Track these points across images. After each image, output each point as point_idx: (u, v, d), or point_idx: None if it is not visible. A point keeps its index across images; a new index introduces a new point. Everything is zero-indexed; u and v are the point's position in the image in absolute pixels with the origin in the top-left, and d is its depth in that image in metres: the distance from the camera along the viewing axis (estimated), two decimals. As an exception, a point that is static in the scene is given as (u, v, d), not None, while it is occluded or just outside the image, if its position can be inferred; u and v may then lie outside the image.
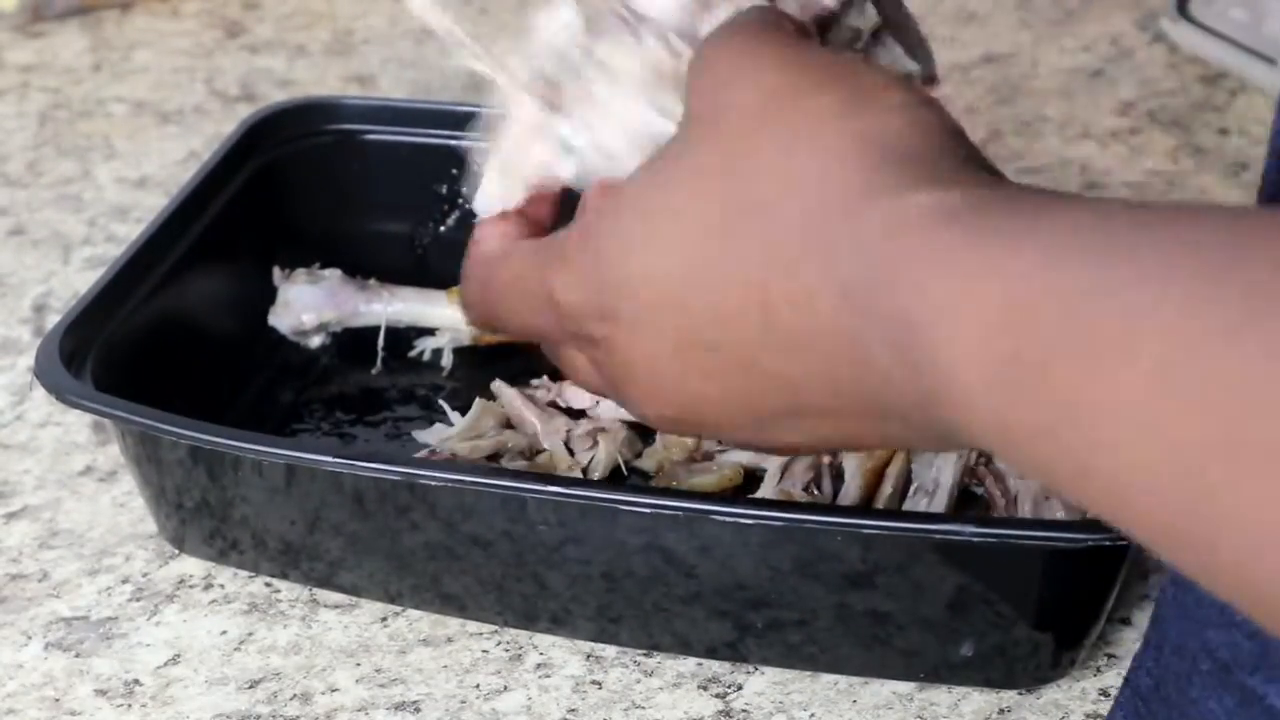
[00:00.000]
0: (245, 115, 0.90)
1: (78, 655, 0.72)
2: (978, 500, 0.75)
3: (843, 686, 0.69)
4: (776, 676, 0.70)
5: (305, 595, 0.74)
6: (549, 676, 0.70)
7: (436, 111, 0.90)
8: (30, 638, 0.73)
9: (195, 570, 0.75)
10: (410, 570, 0.71)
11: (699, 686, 0.70)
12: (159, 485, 0.74)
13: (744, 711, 0.69)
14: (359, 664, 0.71)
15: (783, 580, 0.67)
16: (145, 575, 0.75)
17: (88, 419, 0.83)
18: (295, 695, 0.70)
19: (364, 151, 0.89)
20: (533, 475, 0.73)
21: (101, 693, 0.70)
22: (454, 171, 0.87)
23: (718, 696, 0.69)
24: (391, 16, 1.18)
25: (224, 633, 0.73)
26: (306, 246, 0.88)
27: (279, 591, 0.74)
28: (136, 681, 0.70)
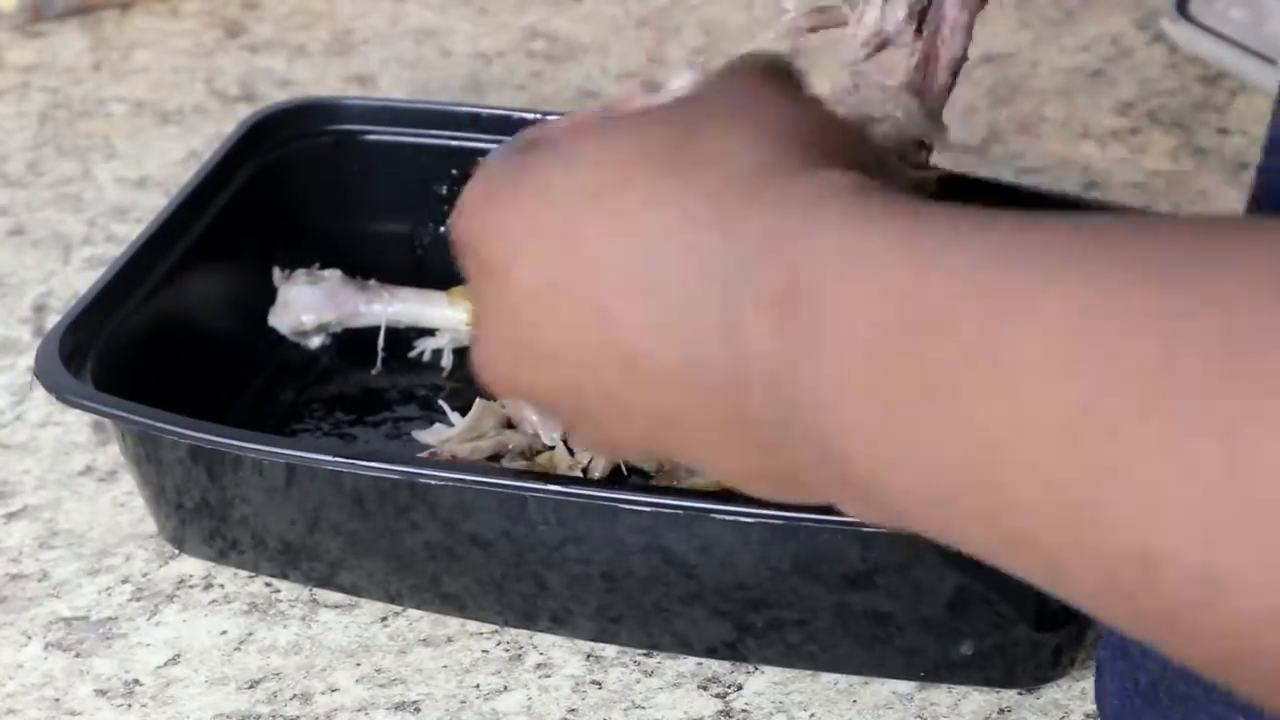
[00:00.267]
0: (245, 115, 0.90)
1: (78, 655, 0.72)
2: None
3: (843, 686, 0.69)
4: (776, 676, 0.70)
5: (305, 595, 0.74)
6: (549, 676, 0.70)
7: (436, 111, 0.90)
8: (30, 638, 0.73)
9: (195, 570, 0.75)
10: (410, 570, 0.71)
11: (699, 686, 0.70)
12: (159, 485, 0.74)
13: (744, 711, 0.69)
14: (359, 664, 0.71)
15: (783, 580, 0.67)
16: (145, 575, 0.75)
17: (88, 419, 0.83)
18: (295, 695, 0.70)
19: (364, 152, 0.89)
20: (533, 475, 0.73)
21: (101, 693, 0.70)
22: (454, 171, 0.87)
23: (718, 696, 0.69)
24: (391, 16, 1.18)
25: (224, 633, 0.73)
26: (306, 246, 0.88)
27: (279, 591, 0.74)
28: (136, 681, 0.70)
